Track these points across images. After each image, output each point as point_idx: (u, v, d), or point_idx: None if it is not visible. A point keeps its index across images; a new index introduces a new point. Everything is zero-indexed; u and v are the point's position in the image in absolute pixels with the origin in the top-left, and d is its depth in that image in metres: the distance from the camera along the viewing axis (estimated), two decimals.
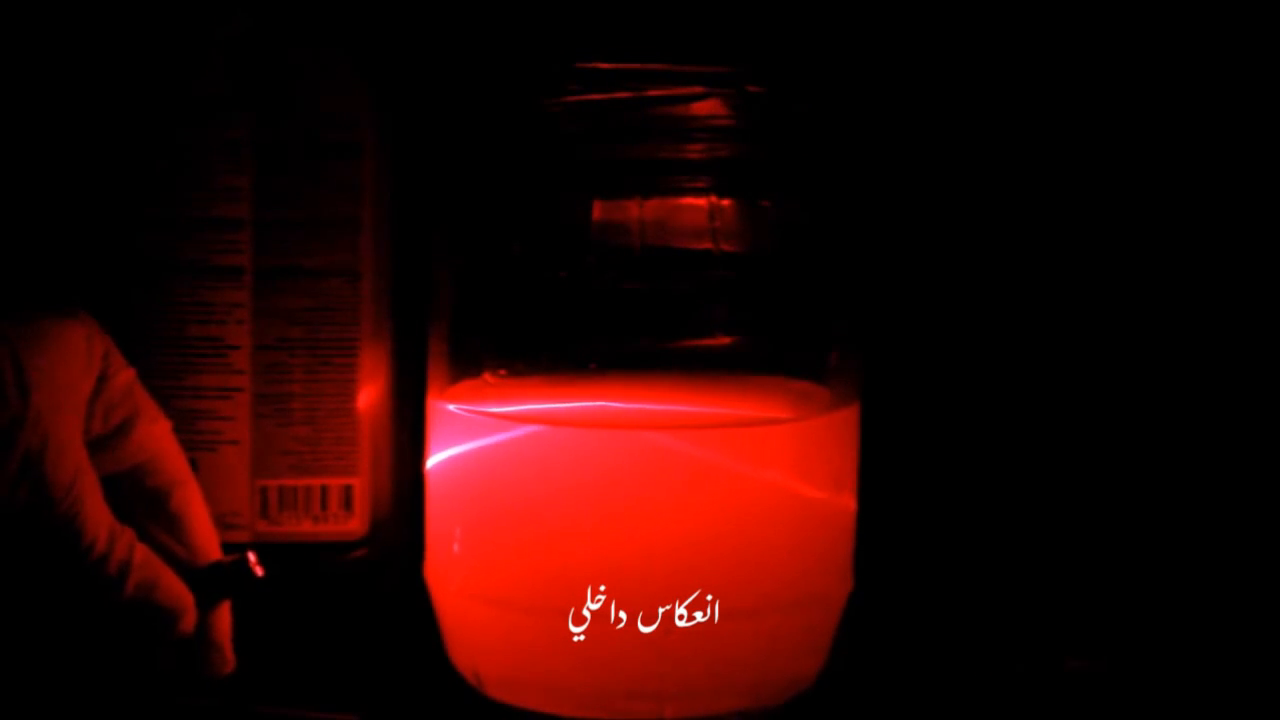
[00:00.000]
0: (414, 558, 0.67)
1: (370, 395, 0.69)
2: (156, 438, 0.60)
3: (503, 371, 0.65)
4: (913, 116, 0.77)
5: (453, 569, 0.64)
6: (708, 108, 0.63)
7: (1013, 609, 0.74)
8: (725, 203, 0.63)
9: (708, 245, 0.63)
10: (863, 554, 0.67)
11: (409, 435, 0.69)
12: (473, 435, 0.63)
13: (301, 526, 0.68)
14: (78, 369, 0.57)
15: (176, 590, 0.58)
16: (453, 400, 0.65)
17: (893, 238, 0.77)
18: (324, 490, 0.69)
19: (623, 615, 0.61)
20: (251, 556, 0.60)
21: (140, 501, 0.59)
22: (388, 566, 0.70)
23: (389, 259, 0.69)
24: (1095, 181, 0.76)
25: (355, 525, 0.69)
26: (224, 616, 0.60)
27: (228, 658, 0.60)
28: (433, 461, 0.65)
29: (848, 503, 0.66)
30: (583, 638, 0.61)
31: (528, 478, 0.62)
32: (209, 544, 0.60)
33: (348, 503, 0.69)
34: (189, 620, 0.58)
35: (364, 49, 0.68)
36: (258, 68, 0.67)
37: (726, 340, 0.64)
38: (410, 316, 0.69)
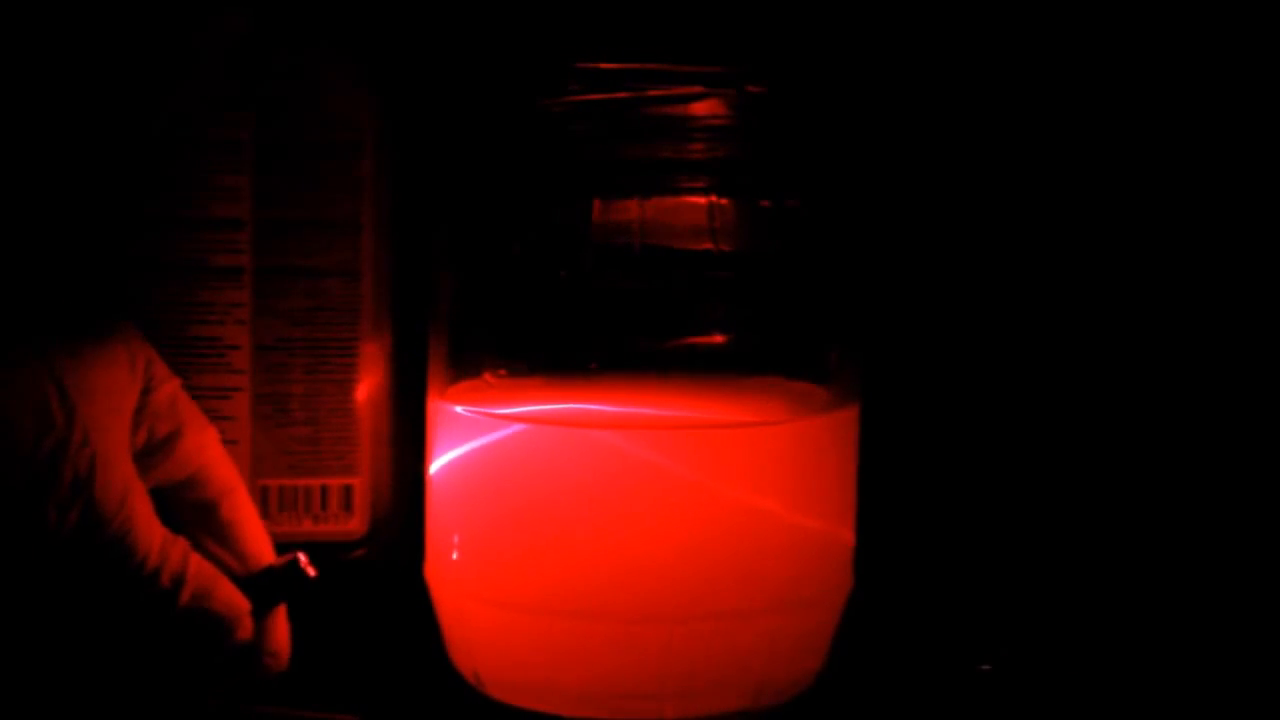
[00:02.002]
0: (414, 558, 0.67)
1: (370, 395, 0.69)
2: (205, 448, 0.60)
3: (503, 371, 0.65)
4: (913, 116, 0.77)
5: (453, 569, 0.64)
6: (708, 108, 0.63)
7: (1012, 609, 0.74)
8: (725, 202, 0.63)
9: (707, 245, 0.63)
10: (863, 554, 0.67)
11: (409, 435, 0.69)
12: (473, 435, 0.63)
13: (301, 526, 0.68)
14: (121, 384, 0.57)
15: (231, 598, 0.58)
16: (453, 400, 0.65)
17: (893, 238, 0.77)
18: (324, 490, 0.69)
19: (623, 615, 0.61)
20: (303, 557, 0.60)
21: (190, 512, 0.59)
22: (388, 566, 0.70)
23: (389, 259, 0.69)
24: (1096, 182, 0.76)
25: (355, 525, 0.69)
26: (280, 620, 0.61)
27: (284, 661, 0.61)
28: (433, 462, 0.65)
29: (848, 503, 0.66)
30: (583, 638, 0.61)
31: (528, 478, 0.62)
32: (262, 550, 0.60)
33: (348, 503, 0.69)
34: (246, 626, 0.58)
35: (364, 49, 0.68)
36: (258, 68, 0.67)
37: (726, 340, 0.64)
38: (410, 316, 0.69)
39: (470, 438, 0.63)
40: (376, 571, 0.70)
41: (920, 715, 0.66)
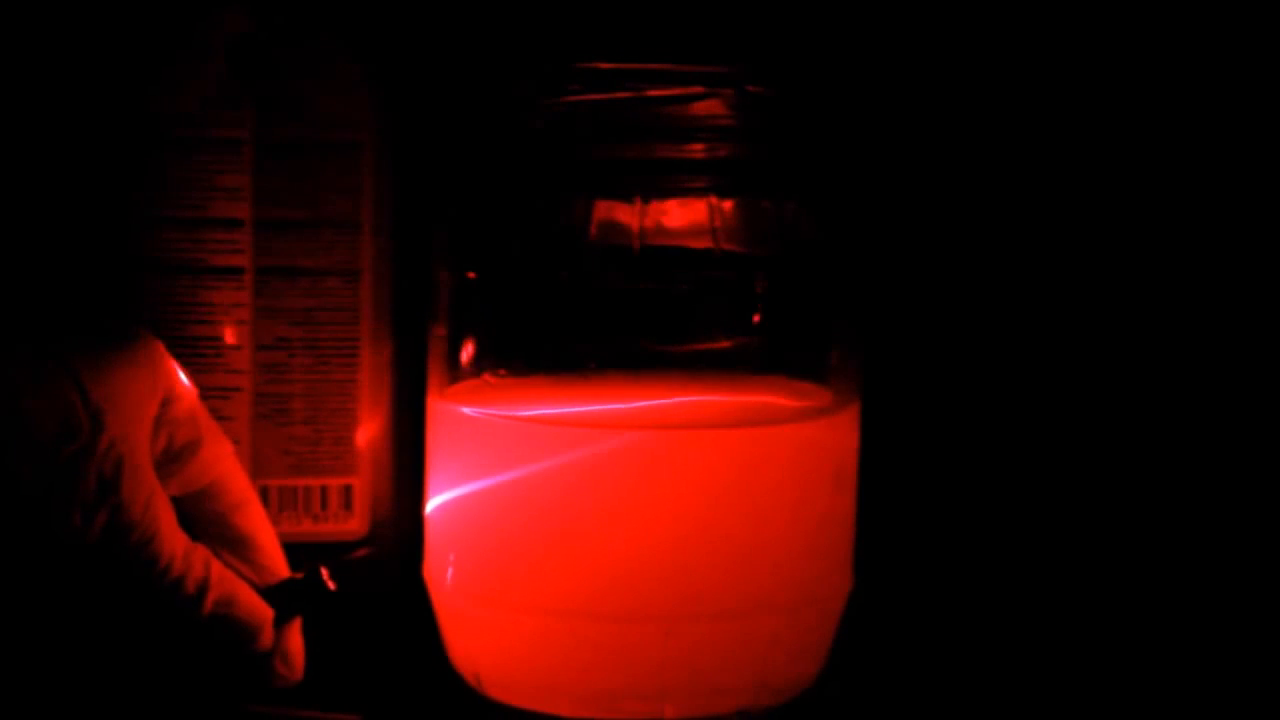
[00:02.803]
0: (414, 558, 0.67)
1: (370, 395, 0.69)
2: (221, 459, 0.60)
3: (502, 371, 0.65)
4: (914, 116, 0.77)
5: (453, 569, 0.64)
6: (708, 108, 0.63)
7: (1012, 609, 0.74)
8: (725, 203, 0.63)
9: (708, 245, 0.63)
10: (863, 554, 0.67)
11: (409, 435, 0.69)
12: (472, 435, 0.63)
13: (301, 526, 0.68)
14: (144, 390, 0.57)
15: (254, 605, 0.58)
16: (452, 400, 0.65)
17: (893, 237, 0.77)
18: (324, 490, 0.69)
19: (623, 615, 0.61)
20: (324, 571, 0.60)
21: (205, 523, 0.60)
22: (388, 566, 0.70)
23: (389, 259, 0.69)
24: (1096, 181, 0.76)
25: (355, 525, 0.69)
26: (295, 632, 0.61)
27: (298, 672, 0.61)
28: (432, 462, 0.65)
29: (848, 503, 0.66)
30: (582, 638, 0.61)
31: (527, 478, 0.62)
32: (276, 562, 0.61)
33: (348, 503, 0.69)
34: (267, 635, 0.59)
35: (365, 48, 0.68)
36: (258, 68, 0.67)
37: (726, 340, 0.64)
38: (410, 316, 0.69)
39: (470, 438, 0.63)
40: (376, 571, 0.70)
41: (920, 715, 0.66)
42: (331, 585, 0.60)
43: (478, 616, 0.63)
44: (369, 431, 0.69)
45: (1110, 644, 0.70)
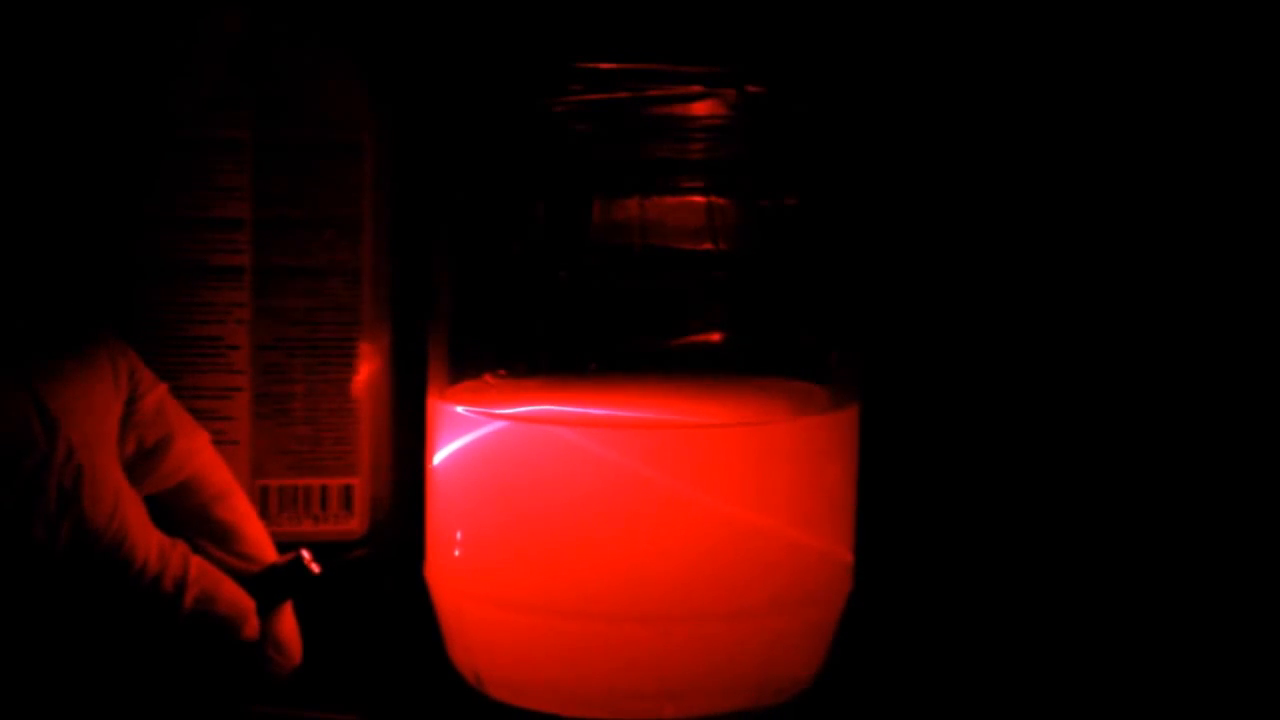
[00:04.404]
0: (414, 558, 0.67)
1: (370, 395, 0.69)
2: (196, 452, 0.60)
3: (503, 371, 0.65)
4: (912, 116, 0.77)
5: (453, 569, 0.64)
6: (707, 108, 0.63)
7: (1011, 609, 0.74)
8: (725, 202, 0.63)
9: (707, 245, 0.63)
10: (863, 554, 0.67)
11: (409, 435, 0.69)
12: (473, 436, 0.63)
13: (301, 526, 0.68)
14: (105, 396, 0.57)
15: (236, 597, 0.58)
16: (453, 400, 0.65)
17: (892, 237, 0.77)
18: (324, 490, 0.69)
19: (623, 615, 0.61)
20: (306, 554, 0.60)
21: (188, 517, 0.59)
22: (388, 566, 0.70)
23: (389, 259, 0.69)
24: (1095, 181, 0.76)
25: (355, 525, 0.69)
26: (287, 617, 0.61)
27: (294, 658, 0.61)
28: (433, 462, 0.65)
29: (847, 503, 0.66)
30: (583, 638, 0.61)
31: (528, 478, 0.62)
32: (263, 551, 0.61)
33: (348, 503, 0.69)
34: (252, 626, 0.58)
35: (364, 48, 0.68)
36: (258, 68, 0.67)
37: (726, 340, 0.64)
38: (410, 316, 0.69)
39: (470, 438, 0.63)
40: (376, 571, 0.70)
41: (920, 715, 0.66)
42: (315, 568, 0.60)
43: (478, 616, 0.63)
44: (369, 431, 0.69)
45: (1110, 643, 0.70)
